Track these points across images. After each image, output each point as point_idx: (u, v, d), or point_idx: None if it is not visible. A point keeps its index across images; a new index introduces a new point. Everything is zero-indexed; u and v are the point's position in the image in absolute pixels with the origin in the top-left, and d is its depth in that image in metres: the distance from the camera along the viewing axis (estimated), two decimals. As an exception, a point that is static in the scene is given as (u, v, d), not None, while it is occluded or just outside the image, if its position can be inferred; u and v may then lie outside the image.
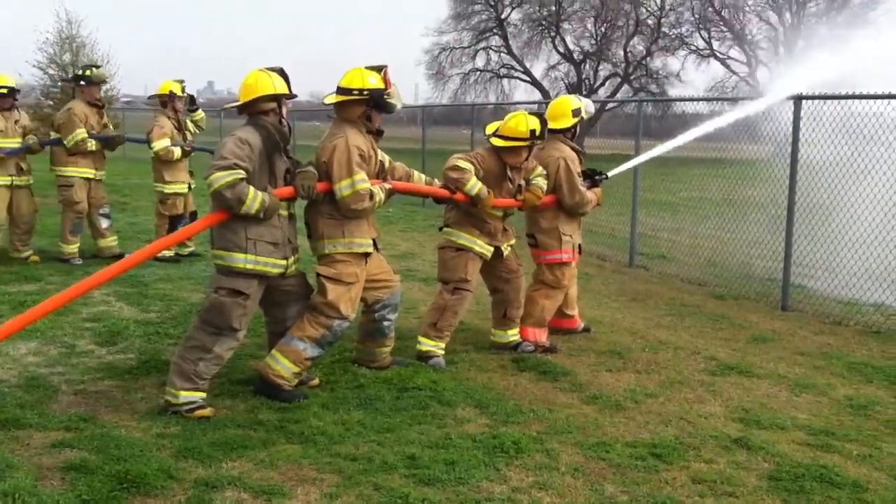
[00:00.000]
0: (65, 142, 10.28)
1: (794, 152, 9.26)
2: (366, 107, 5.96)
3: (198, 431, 5.16)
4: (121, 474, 4.45)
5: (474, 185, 6.65)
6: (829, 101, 9.15)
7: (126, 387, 5.99)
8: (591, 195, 7.42)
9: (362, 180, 5.81)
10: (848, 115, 8.98)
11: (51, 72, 23.33)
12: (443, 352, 6.88)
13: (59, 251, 10.68)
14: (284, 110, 5.73)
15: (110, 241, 10.98)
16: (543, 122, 6.85)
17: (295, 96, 5.86)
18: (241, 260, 5.47)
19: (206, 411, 5.44)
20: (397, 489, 4.47)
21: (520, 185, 7.03)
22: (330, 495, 4.43)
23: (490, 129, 7.10)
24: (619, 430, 5.52)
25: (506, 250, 7.11)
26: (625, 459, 5.00)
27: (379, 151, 6.23)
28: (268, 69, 5.71)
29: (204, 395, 5.52)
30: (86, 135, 10.30)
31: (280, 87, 5.64)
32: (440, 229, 7.20)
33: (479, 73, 51.56)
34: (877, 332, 8.36)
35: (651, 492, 4.60)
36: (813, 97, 9.19)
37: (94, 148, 10.44)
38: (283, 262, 5.64)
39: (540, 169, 7.15)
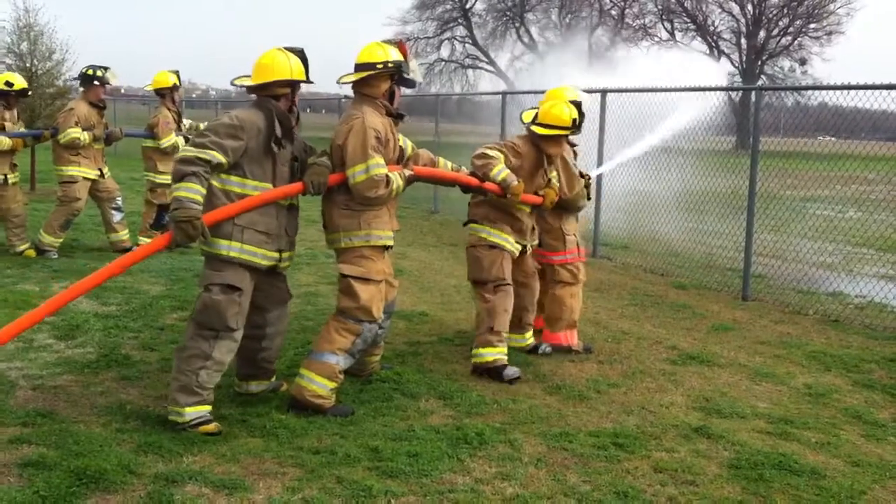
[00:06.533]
0: (58, 137, 10.30)
1: (754, 143, 9.35)
2: (390, 81, 5.59)
3: (158, 426, 5.11)
4: (80, 470, 4.39)
5: (500, 171, 6.27)
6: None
7: (85, 381, 5.91)
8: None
9: (377, 165, 5.35)
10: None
11: (8, 61, 22.89)
12: (506, 357, 6.46)
13: (37, 238, 10.47)
14: (296, 96, 5.41)
15: (122, 235, 10.97)
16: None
17: (311, 82, 5.50)
18: (224, 247, 5.06)
19: (212, 426, 5.06)
20: (360, 482, 4.46)
21: (549, 180, 6.71)
22: (292, 489, 4.40)
23: (527, 116, 6.85)
24: (581, 421, 5.55)
25: (529, 250, 6.81)
26: (587, 449, 5.03)
27: (401, 137, 5.85)
28: (287, 49, 5.32)
29: (210, 408, 5.14)
30: (80, 134, 10.27)
31: (297, 73, 5.27)
32: (465, 224, 6.81)
33: (443, 63, 51.50)
34: (835, 320, 8.48)
35: (613, 481, 4.63)
36: (772, 88, 9.27)
37: (88, 141, 10.36)
38: (275, 255, 5.26)
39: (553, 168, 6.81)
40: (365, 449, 4.88)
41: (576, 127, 6.59)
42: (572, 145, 7.20)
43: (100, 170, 10.64)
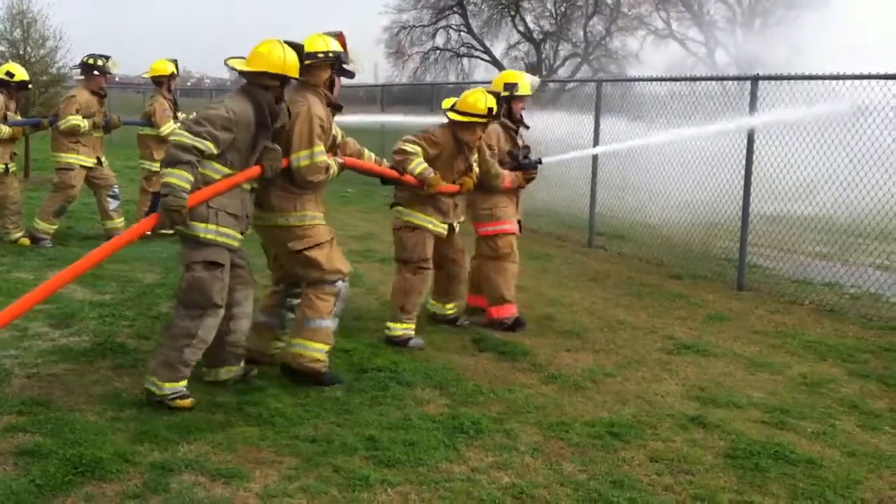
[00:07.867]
0: (58, 124, 10.30)
1: (751, 133, 9.32)
2: (330, 71, 5.79)
3: (154, 414, 5.10)
4: (75, 458, 4.39)
5: (417, 166, 6.62)
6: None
7: (80, 370, 5.90)
8: (504, 172, 7.33)
9: (321, 153, 5.63)
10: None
11: (1, 48, 22.79)
12: (414, 331, 6.87)
13: (32, 226, 10.43)
14: (286, 90, 5.52)
15: (117, 223, 10.94)
16: (500, 101, 6.88)
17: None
18: (202, 230, 5.19)
19: (188, 402, 5.22)
20: (357, 471, 4.46)
21: (470, 165, 7.00)
22: (289, 477, 4.40)
23: (447, 103, 7.02)
24: (577, 410, 5.55)
25: (457, 227, 7.12)
26: (583, 439, 5.04)
27: (333, 125, 6.07)
28: (287, 43, 5.43)
29: (185, 382, 5.28)
30: (80, 121, 10.25)
31: (289, 68, 5.36)
32: (391, 206, 7.14)
33: (439, 51, 51.34)
34: (830, 310, 8.48)
35: (609, 470, 4.63)
36: (769, 77, 9.25)
37: (87, 128, 10.34)
38: (240, 237, 5.42)
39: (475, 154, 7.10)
40: (361, 438, 4.88)
41: (491, 116, 6.81)
42: (507, 127, 7.46)
43: (98, 157, 10.62)
